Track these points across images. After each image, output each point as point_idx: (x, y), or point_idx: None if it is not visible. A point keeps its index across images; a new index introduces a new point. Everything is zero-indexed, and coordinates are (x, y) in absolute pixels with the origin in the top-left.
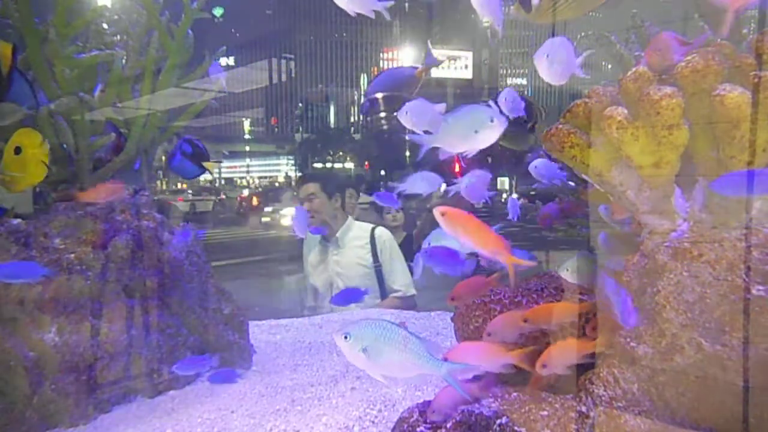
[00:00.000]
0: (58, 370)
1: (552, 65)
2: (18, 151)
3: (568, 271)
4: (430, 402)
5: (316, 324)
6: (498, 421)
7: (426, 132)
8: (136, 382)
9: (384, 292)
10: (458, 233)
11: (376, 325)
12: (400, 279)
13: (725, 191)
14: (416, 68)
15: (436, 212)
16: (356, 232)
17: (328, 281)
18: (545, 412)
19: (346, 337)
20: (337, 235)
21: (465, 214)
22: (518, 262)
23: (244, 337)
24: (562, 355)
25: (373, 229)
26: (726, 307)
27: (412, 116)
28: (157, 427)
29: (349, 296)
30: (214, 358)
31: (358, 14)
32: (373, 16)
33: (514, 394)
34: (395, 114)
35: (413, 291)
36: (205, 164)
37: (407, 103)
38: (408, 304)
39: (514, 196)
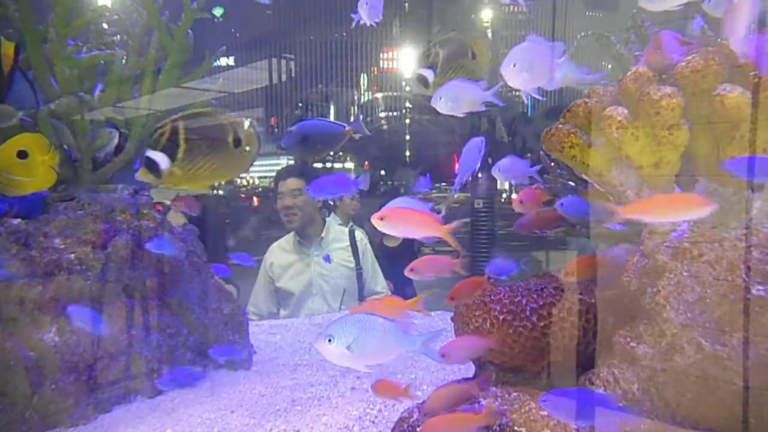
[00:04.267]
0: (58, 370)
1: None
2: (24, 155)
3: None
4: None
5: (317, 324)
6: (498, 421)
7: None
8: (136, 382)
9: (361, 294)
10: (400, 229)
11: (355, 319)
12: (381, 281)
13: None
14: (344, 126)
15: (374, 220)
16: (336, 234)
17: (307, 283)
18: (545, 412)
19: (329, 340)
20: (322, 235)
21: (399, 208)
22: (452, 228)
23: (244, 337)
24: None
25: (352, 231)
26: (726, 307)
27: (447, 101)
28: (157, 427)
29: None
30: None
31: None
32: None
33: (514, 394)
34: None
35: (390, 293)
36: None
37: (442, 87)
38: None
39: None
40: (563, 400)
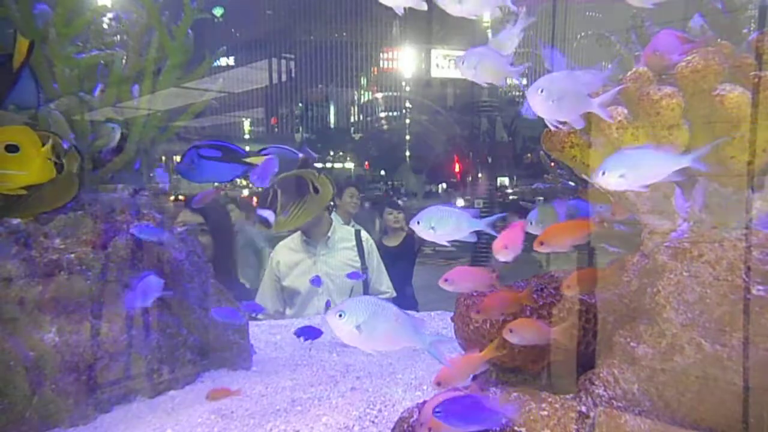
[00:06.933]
0: (58, 370)
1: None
2: (15, 149)
3: (532, 224)
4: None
5: (316, 324)
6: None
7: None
8: (136, 382)
9: (366, 294)
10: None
11: (369, 301)
12: (386, 281)
13: None
14: (298, 154)
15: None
16: (342, 234)
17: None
18: (545, 412)
19: (340, 315)
20: (329, 234)
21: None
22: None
23: (244, 337)
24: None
25: (358, 232)
26: (726, 307)
27: (469, 66)
28: (157, 427)
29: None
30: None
31: (358, 14)
32: (425, 6)
33: (514, 394)
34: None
35: (394, 293)
36: (252, 159)
37: (467, 51)
38: None
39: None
40: (454, 407)
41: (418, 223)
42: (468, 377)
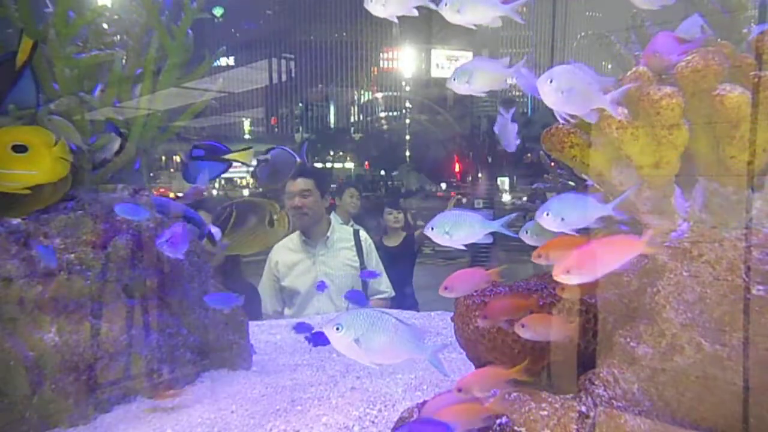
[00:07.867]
0: (58, 370)
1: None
2: (23, 149)
3: (527, 233)
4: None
5: (317, 324)
6: (498, 421)
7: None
8: (136, 382)
9: (365, 293)
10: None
11: (367, 314)
12: (384, 281)
13: None
14: (296, 157)
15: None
16: (341, 234)
17: (313, 282)
18: (545, 412)
19: (337, 329)
20: (328, 234)
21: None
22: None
23: (244, 337)
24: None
25: (357, 232)
26: (726, 307)
27: (460, 81)
28: (157, 427)
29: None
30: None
31: (358, 15)
32: (416, 13)
33: (514, 394)
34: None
35: (393, 293)
36: (233, 156)
37: (456, 69)
38: (388, 305)
39: None
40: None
41: (432, 229)
42: (489, 389)
